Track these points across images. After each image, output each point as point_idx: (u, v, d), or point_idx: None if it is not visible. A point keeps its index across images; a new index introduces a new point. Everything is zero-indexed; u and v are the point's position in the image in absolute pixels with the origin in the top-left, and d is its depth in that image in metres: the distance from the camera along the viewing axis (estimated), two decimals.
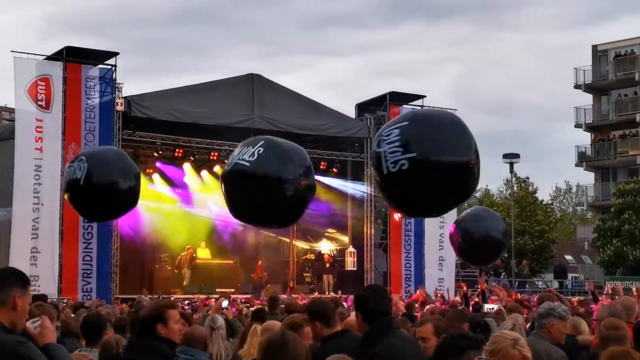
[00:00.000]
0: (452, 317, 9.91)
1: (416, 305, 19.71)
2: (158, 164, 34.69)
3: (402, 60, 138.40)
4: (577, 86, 59.92)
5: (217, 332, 9.48)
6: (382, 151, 9.39)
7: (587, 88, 59.71)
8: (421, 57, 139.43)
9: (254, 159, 11.56)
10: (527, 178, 63.25)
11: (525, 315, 12.15)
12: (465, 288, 24.40)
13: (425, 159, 9.35)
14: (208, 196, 36.17)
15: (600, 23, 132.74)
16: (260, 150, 11.65)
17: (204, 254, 36.01)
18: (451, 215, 37.22)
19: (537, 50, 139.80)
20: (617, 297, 14.86)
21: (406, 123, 9.58)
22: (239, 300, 23.02)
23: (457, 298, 26.52)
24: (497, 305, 14.81)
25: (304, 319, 7.69)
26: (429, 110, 9.60)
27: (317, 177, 37.82)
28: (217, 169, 35.63)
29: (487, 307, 15.64)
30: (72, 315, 13.75)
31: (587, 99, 60.78)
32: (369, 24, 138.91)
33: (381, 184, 10.25)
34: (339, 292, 33.86)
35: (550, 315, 8.20)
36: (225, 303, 14.09)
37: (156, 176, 35.04)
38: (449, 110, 38.26)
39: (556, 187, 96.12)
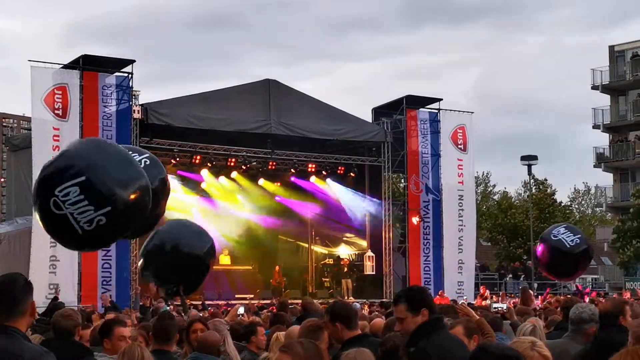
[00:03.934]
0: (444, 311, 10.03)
1: None
2: (178, 172, 34.71)
3: (423, 63, 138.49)
4: (594, 87, 59.67)
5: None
6: (66, 213, 9.16)
7: (605, 89, 59.44)
8: (442, 60, 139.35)
9: None
10: (546, 180, 63.04)
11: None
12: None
13: (119, 209, 9.37)
14: (227, 202, 36.28)
15: (618, 24, 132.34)
16: None
17: (226, 260, 36.09)
18: (471, 218, 37.38)
19: (556, 51, 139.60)
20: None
21: (83, 179, 9.29)
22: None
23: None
24: (505, 305, 14.92)
25: (323, 323, 7.67)
26: (88, 153, 9.02)
27: (335, 182, 38.19)
28: (234, 175, 35.74)
29: (496, 306, 15.71)
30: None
31: (604, 100, 60.58)
32: (390, 28, 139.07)
33: (76, 242, 10.13)
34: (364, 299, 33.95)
35: (593, 320, 8.09)
36: (241, 310, 14.09)
37: (175, 183, 35.08)
38: (464, 112, 38.53)
39: (575, 189, 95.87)
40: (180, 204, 35.35)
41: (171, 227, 15.20)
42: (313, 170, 37.01)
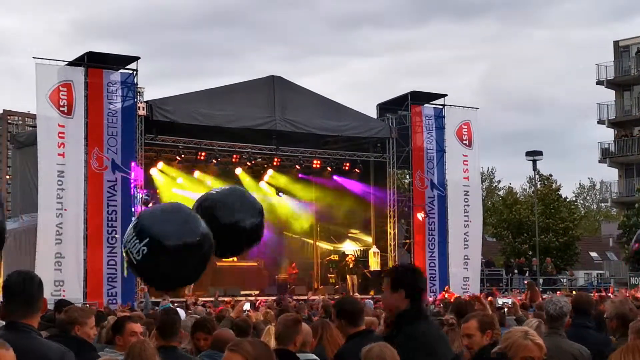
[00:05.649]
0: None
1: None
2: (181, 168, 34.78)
3: (428, 59, 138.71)
4: (599, 82, 59.59)
5: None
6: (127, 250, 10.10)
7: (610, 84, 59.35)
8: (447, 55, 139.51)
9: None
10: (551, 175, 63.05)
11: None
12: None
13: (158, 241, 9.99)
14: None
15: (623, 19, 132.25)
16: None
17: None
18: (477, 213, 37.34)
19: (561, 47, 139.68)
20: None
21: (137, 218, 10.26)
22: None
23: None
24: (511, 300, 14.98)
25: (297, 318, 7.69)
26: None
27: (340, 178, 38.17)
28: (239, 171, 35.76)
29: (501, 301, 15.80)
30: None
31: (609, 95, 60.54)
32: (396, 24, 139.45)
33: (135, 272, 10.89)
34: (372, 292, 33.93)
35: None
36: (246, 305, 14.10)
37: (180, 180, 35.14)
38: (469, 108, 38.47)
39: (580, 184, 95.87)
40: (186, 201, 35.40)
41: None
42: (318, 166, 37.01)
